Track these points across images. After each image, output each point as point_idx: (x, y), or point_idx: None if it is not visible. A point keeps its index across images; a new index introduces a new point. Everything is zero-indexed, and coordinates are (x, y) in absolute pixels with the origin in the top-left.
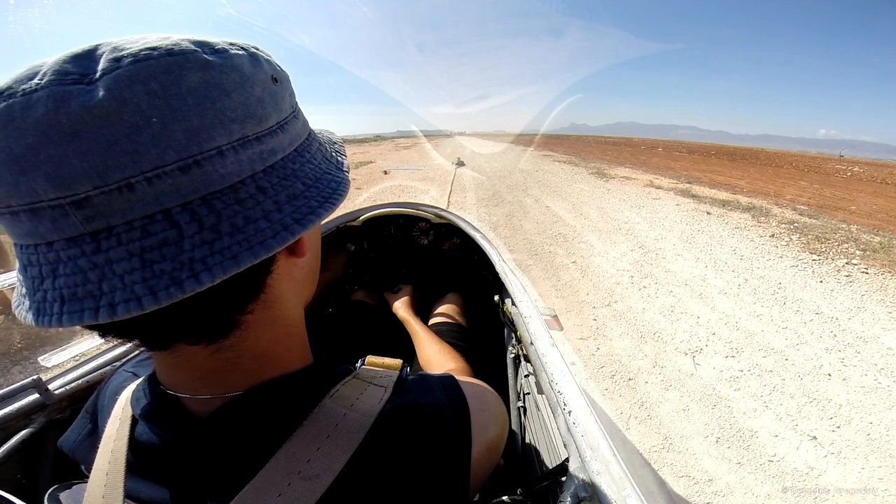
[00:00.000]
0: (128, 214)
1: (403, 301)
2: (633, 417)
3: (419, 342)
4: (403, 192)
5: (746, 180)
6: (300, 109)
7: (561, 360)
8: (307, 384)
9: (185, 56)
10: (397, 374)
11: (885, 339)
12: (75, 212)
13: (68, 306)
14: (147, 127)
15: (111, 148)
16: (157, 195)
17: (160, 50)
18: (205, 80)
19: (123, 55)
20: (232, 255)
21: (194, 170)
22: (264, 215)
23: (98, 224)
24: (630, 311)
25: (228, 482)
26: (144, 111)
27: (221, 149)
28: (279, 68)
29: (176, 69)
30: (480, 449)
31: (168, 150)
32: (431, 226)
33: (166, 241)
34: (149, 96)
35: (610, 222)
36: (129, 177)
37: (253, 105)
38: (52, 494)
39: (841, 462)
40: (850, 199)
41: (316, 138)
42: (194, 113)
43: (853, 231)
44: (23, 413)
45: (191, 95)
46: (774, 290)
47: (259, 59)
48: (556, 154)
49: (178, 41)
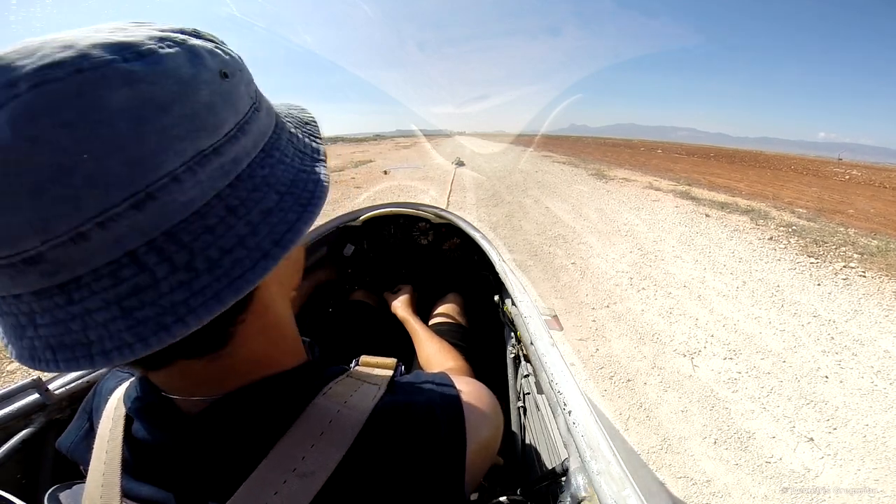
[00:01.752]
0: (90, 263)
1: (403, 301)
2: (631, 418)
3: (419, 342)
4: (403, 191)
5: (745, 183)
6: (262, 97)
7: (561, 361)
8: (300, 382)
9: (98, 71)
10: (391, 373)
11: (881, 342)
12: (31, 268)
13: (61, 354)
14: (77, 166)
15: (41, 197)
16: (117, 239)
17: (65, 66)
18: (133, 97)
19: (19, 77)
20: (214, 294)
21: (149, 204)
22: (239, 242)
23: (62, 277)
24: (629, 313)
25: (224, 480)
26: (67, 148)
27: (175, 173)
28: (228, 56)
29: (91, 89)
30: (475, 447)
31: (110, 188)
32: (431, 226)
33: (140, 286)
34: (66, 130)
35: (609, 224)
36: (76, 226)
37: (202, 114)
38: (52, 494)
39: (837, 463)
40: (849, 202)
41: (284, 127)
42: (130, 140)
43: (851, 234)
44: (23, 413)
45: (121, 119)
46: (772, 292)
47: (199, 55)
48: (556, 155)
49: (86, 49)
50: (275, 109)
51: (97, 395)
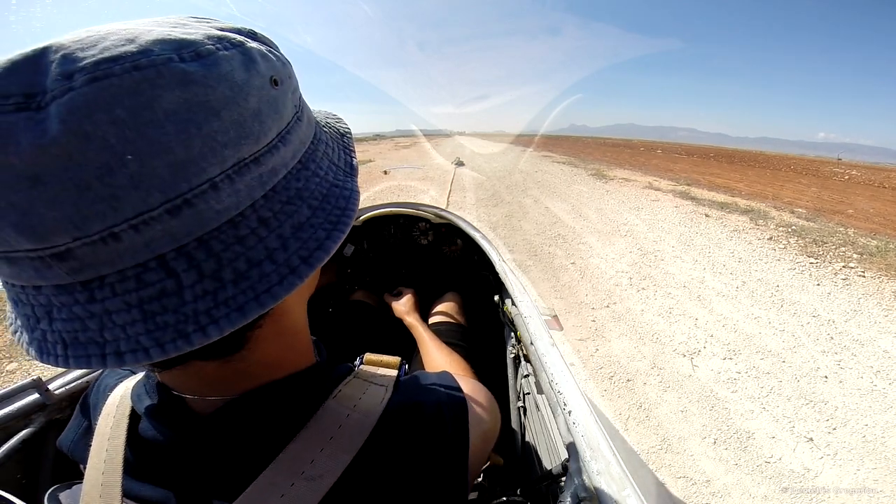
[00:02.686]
0: (118, 264)
1: (408, 305)
2: (631, 418)
3: (426, 351)
4: (403, 191)
5: (745, 183)
6: (305, 104)
7: (561, 360)
8: (310, 385)
9: (157, 69)
10: (396, 373)
11: (881, 342)
12: (58, 263)
13: (72, 350)
14: (122, 167)
15: (83, 194)
16: (147, 242)
17: (124, 60)
18: (186, 100)
19: (76, 69)
20: (238, 307)
21: (185, 210)
22: (268, 255)
23: (87, 275)
24: (629, 313)
25: (231, 482)
26: (114, 147)
27: (214, 181)
28: (279, 62)
29: (147, 88)
30: (476, 442)
31: (152, 191)
32: (431, 226)
33: (164, 291)
34: (116, 128)
35: (609, 224)
36: (111, 226)
37: (248, 121)
38: (52, 494)
39: (837, 464)
40: (848, 202)
41: (321, 138)
42: (177, 143)
43: (850, 234)
44: (23, 413)
45: (170, 121)
46: (772, 292)
47: (254, 59)
48: (556, 155)
49: (147, 44)
50: (315, 118)
51: (95, 392)
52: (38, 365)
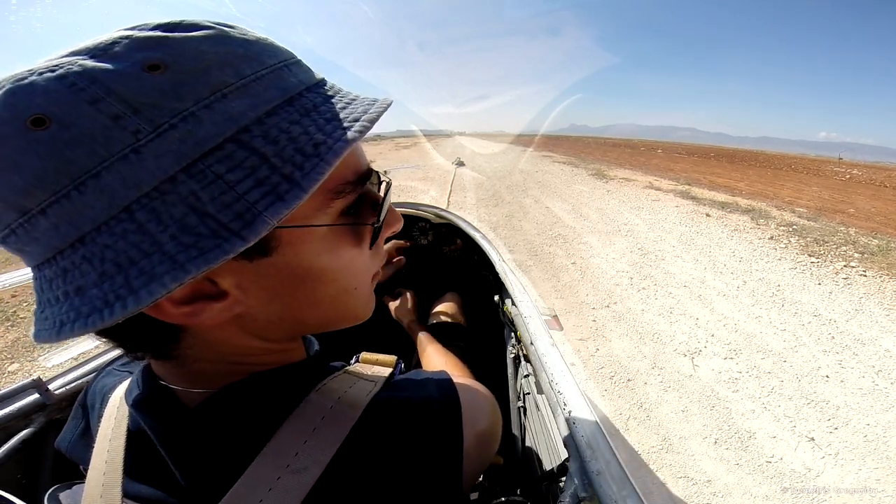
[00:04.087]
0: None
1: (408, 309)
2: (632, 418)
3: (424, 353)
4: (403, 191)
5: (746, 182)
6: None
7: (561, 361)
8: (295, 378)
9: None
10: (390, 371)
11: (882, 342)
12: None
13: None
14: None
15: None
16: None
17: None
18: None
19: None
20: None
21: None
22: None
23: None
24: (629, 313)
25: (220, 475)
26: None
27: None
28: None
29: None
30: (471, 443)
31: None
32: (431, 225)
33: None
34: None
35: (609, 224)
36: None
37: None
38: (52, 494)
39: (838, 463)
40: (849, 201)
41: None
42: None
43: (852, 234)
44: (23, 413)
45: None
46: (773, 292)
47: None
48: (556, 155)
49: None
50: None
51: (91, 392)
52: (38, 365)
